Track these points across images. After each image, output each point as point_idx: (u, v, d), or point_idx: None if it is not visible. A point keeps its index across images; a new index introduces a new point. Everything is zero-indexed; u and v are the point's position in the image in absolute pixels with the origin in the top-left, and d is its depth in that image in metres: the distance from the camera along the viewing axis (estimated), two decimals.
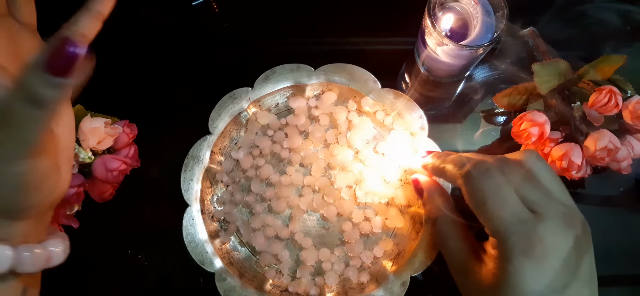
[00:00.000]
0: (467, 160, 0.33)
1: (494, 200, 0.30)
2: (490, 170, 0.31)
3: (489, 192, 0.30)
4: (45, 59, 0.21)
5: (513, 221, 0.29)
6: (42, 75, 0.21)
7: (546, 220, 0.29)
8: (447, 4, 0.43)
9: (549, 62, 0.41)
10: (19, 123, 0.22)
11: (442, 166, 0.36)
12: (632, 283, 0.43)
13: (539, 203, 0.29)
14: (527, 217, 0.29)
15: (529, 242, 0.28)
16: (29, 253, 0.29)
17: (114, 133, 0.38)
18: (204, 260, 0.40)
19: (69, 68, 0.21)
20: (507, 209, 0.29)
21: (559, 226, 0.29)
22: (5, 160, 0.24)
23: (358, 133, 0.44)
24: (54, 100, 0.22)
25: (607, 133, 0.38)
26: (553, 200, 0.30)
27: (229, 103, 0.44)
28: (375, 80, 0.44)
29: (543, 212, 0.29)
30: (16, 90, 0.22)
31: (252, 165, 0.44)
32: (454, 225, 0.36)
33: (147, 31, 0.50)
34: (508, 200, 0.30)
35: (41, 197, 0.28)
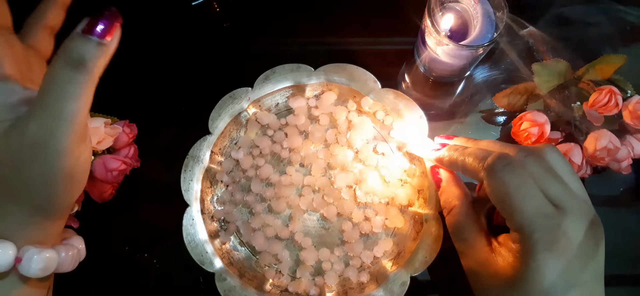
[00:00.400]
0: (488, 153, 0.32)
1: (517, 195, 0.29)
2: (513, 163, 0.30)
3: (512, 187, 0.29)
4: (85, 23, 0.23)
5: (537, 215, 0.29)
6: (83, 36, 0.23)
7: (570, 215, 0.28)
8: (447, 4, 0.43)
9: (549, 62, 0.41)
10: (62, 91, 0.24)
11: (461, 159, 0.35)
12: (632, 283, 0.43)
13: (561, 198, 0.29)
14: (551, 212, 0.29)
15: (554, 237, 0.28)
16: (68, 253, 0.29)
17: (114, 133, 0.38)
18: (204, 260, 0.40)
19: (106, 29, 0.24)
20: (531, 203, 0.29)
21: (581, 221, 0.29)
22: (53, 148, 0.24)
23: (358, 133, 0.44)
24: (92, 60, 0.24)
25: (607, 133, 0.38)
26: (575, 196, 0.30)
27: (229, 103, 0.44)
28: (375, 80, 0.44)
29: (566, 206, 0.29)
30: (59, 55, 0.23)
31: (252, 165, 0.44)
32: (470, 217, 0.35)
33: (147, 31, 0.50)
34: (532, 194, 0.29)
35: (80, 190, 0.28)
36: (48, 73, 0.24)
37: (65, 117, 0.24)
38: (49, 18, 0.35)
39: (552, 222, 0.28)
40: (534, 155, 0.31)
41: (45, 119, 0.24)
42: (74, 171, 0.26)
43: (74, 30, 0.24)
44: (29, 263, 0.26)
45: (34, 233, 0.27)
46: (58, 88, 0.24)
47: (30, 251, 0.27)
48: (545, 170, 0.30)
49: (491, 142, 0.35)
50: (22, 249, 0.27)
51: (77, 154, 0.26)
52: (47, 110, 0.24)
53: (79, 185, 0.28)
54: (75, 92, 0.24)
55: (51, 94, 0.24)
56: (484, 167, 0.32)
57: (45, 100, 0.24)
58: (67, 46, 0.24)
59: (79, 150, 0.26)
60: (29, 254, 0.26)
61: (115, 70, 0.48)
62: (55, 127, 0.24)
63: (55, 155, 0.25)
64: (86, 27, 0.24)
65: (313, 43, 0.50)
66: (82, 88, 0.24)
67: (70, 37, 0.24)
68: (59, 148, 0.25)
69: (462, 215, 0.35)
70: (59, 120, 0.24)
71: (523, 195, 0.29)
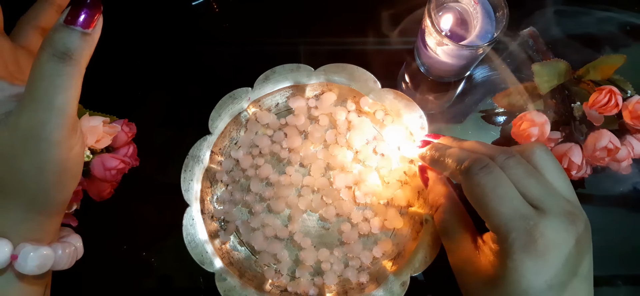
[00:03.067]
0: (466, 155, 0.33)
1: (493, 196, 0.29)
2: (489, 165, 0.31)
3: (488, 188, 0.30)
4: (67, 14, 0.24)
5: (514, 216, 0.29)
6: (66, 27, 0.24)
7: (548, 215, 0.28)
8: (447, 4, 0.43)
9: (549, 62, 0.41)
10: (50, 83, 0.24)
11: (441, 159, 0.35)
12: (632, 283, 0.43)
13: (541, 199, 0.29)
14: (529, 213, 0.29)
15: (530, 238, 0.28)
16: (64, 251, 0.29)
17: (113, 132, 0.38)
18: (204, 260, 0.40)
19: (88, 18, 0.24)
20: (507, 204, 0.29)
21: (561, 222, 0.29)
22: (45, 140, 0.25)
23: (358, 134, 0.44)
24: (77, 50, 0.24)
25: (607, 133, 0.38)
26: (556, 196, 0.30)
27: (229, 103, 0.44)
28: (375, 80, 0.44)
29: (545, 207, 0.29)
30: (44, 47, 0.24)
31: (252, 165, 0.44)
32: (456, 215, 0.35)
33: (147, 31, 0.50)
34: (508, 195, 0.29)
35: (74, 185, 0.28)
36: (35, 66, 0.24)
37: (55, 108, 0.24)
38: (41, 19, 0.36)
39: (529, 222, 0.28)
40: (516, 156, 0.31)
41: (35, 112, 0.24)
42: (66, 164, 0.26)
43: (56, 21, 0.24)
44: (25, 260, 0.26)
45: (30, 231, 0.27)
46: (46, 81, 0.24)
47: (26, 249, 0.27)
48: (527, 171, 0.31)
49: (475, 143, 0.35)
50: (18, 246, 0.27)
51: (69, 146, 0.26)
52: (36, 102, 0.24)
53: (72, 179, 0.28)
54: (63, 84, 0.24)
55: (39, 87, 0.24)
56: (460, 169, 0.32)
57: (34, 93, 0.24)
58: (51, 38, 0.24)
59: (70, 142, 0.26)
60: (25, 251, 0.26)
61: (115, 70, 0.48)
62: (46, 119, 0.24)
63: (47, 147, 0.25)
64: (68, 17, 0.24)
65: (313, 43, 0.50)
66: (69, 80, 0.24)
67: (54, 28, 0.24)
68: (50, 140, 0.25)
69: (448, 212, 0.36)
70: (49, 112, 0.24)
71: (499, 197, 0.29)
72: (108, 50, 0.48)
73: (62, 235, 0.32)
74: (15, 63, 0.32)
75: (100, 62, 0.48)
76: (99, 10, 0.24)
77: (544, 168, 0.31)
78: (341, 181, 0.43)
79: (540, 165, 0.31)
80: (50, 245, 0.29)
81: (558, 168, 0.32)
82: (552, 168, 0.32)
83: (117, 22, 0.50)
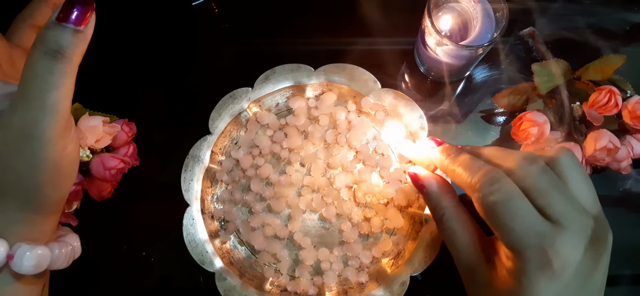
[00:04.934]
0: (477, 167, 0.30)
1: (504, 212, 0.28)
2: (500, 181, 0.29)
3: (498, 205, 0.28)
4: (59, 11, 0.23)
5: (528, 233, 0.27)
6: (58, 24, 0.23)
7: (566, 231, 0.27)
8: (447, 4, 0.43)
9: (548, 62, 0.41)
10: (43, 81, 0.24)
11: (451, 167, 0.33)
12: (632, 283, 0.43)
13: (561, 213, 0.27)
14: (544, 229, 0.27)
15: (546, 256, 0.26)
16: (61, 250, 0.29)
17: (112, 132, 0.38)
18: (204, 260, 0.40)
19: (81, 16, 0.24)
20: (522, 221, 0.27)
21: (580, 239, 0.27)
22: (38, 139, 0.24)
23: (358, 134, 0.44)
24: (70, 48, 0.24)
25: (606, 133, 0.38)
26: (579, 211, 0.28)
27: (229, 103, 0.44)
28: (375, 80, 0.44)
29: (564, 222, 0.27)
30: (36, 45, 0.23)
31: (252, 165, 0.44)
32: (461, 221, 0.33)
33: (147, 31, 0.50)
34: (521, 210, 0.27)
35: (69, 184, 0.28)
36: (27, 64, 0.24)
37: (47, 107, 0.24)
38: (37, 17, 0.35)
39: (545, 240, 0.26)
40: (539, 164, 0.29)
41: (27, 111, 0.24)
42: (60, 162, 0.26)
43: (49, 19, 0.24)
44: (21, 260, 0.26)
45: (26, 230, 0.27)
46: (38, 79, 0.23)
47: (22, 248, 0.26)
48: (550, 181, 0.28)
49: (494, 150, 0.32)
50: (14, 246, 0.27)
51: (62, 145, 0.26)
52: (29, 101, 0.24)
53: (67, 177, 0.27)
54: (56, 82, 0.24)
55: (32, 85, 0.24)
56: (470, 184, 0.30)
57: (26, 91, 0.24)
58: (43, 35, 0.23)
59: (64, 140, 0.26)
60: (21, 251, 0.26)
61: (115, 70, 0.48)
62: (39, 118, 0.24)
63: (40, 146, 0.25)
64: (61, 14, 0.23)
65: (313, 43, 0.50)
66: (62, 77, 0.24)
67: (46, 25, 0.24)
68: (44, 139, 0.24)
69: (451, 220, 0.34)
70: (42, 110, 0.24)
71: (511, 213, 0.27)
72: (108, 50, 0.49)
73: (59, 235, 0.32)
74: (9, 62, 0.32)
75: (100, 62, 0.48)
76: (91, 8, 0.24)
77: (568, 178, 0.29)
78: (341, 181, 0.43)
79: (565, 173, 0.29)
80: (47, 244, 0.29)
81: (584, 178, 0.30)
82: (577, 178, 0.29)
83: (117, 22, 0.50)
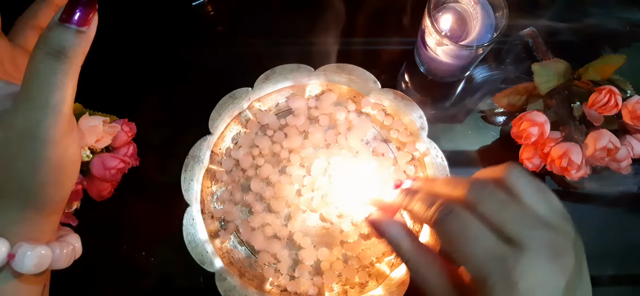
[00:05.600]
0: (433, 201, 0.29)
1: (462, 240, 0.27)
2: (454, 210, 0.28)
3: (456, 233, 0.27)
4: (62, 12, 0.23)
5: (489, 259, 0.26)
6: (61, 25, 0.23)
7: (528, 252, 0.25)
8: (447, 4, 0.43)
9: (548, 62, 0.41)
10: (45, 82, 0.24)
11: (410, 207, 0.32)
12: (632, 283, 0.43)
13: (518, 232, 0.26)
14: (505, 252, 0.25)
15: (510, 280, 0.25)
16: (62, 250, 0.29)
17: (112, 132, 0.38)
18: (204, 260, 0.40)
19: (84, 17, 0.24)
20: (480, 247, 0.26)
21: (542, 257, 0.25)
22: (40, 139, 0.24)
23: (358, 134, 0.44)
24: (72, 49, 0.24)
25: (606, 133, 0.38)
26: (537, 225, 0.26)
27: (229, 103, 0.44)
28: (375, 80, 0.44)
29: (524, 242, 0.25)
30: (38, 46, 0.23)
31: (252, 165, 0.44)
32: (427, 262, 0.31)
33: (147, 31, 0.50)
34: (478, 236, 0.26)
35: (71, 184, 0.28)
36: (29, 64, 0.24)
37: (50, 107, 0.24)
38: (40, 18, 0.35)
39: (507, 263, 0.25)
40: (488, 187, 0.28)
41: (30, 111, 0.24)
42: (63, 162, 0.26)
43: (51, 20, 0.24)
44: (22, 259, 0.26)
45: (27, 230, 0.27)
46: (41, 79, 0.24)
47: (23, 248, 0.26)
48: (502, 201, 0.27)
49: (444, 181, 0.32)
50: (16, 245, 0.27)
51: (64, 145, 0.26)
52: (31, 101, 0.24)
53: (69, 177, 0.27)
54: (58, 82, 0.24)
55: (34, 85, 0.24)
56: (428, 218, 0.29)
57: (29, 91, 0.24)
58: (46, 36, 0.24)
59: (66, 141, 0.26)
60: (22, 250, 0.26)
61: (115, 70, 0.48)
62: (41, 118, 0.24)
63: (42, 146, 0.25)
64: (63, 15, 0.24)
65: (313, 43, 0.50)
66: (64, 78, 0.24)
67: (49, 26, 0.24)
68: (46, 139, 0.24)
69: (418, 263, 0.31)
70: (44, 110, 0.24)
71: (469, 240, 0.26)
72: (108, 50, 0.48)
73: (60, 234, 0.32)
74: (12, 62, 0.32)
75: (100, 62, 0.48)
76: (94, 9, 0.24)
77: (521, 193, 0.28)
78: (341, 181, 0.43)
79: (516, 189, 0.28)
80: (48, 244, 0.29)
81: (537, 189, 0.28)
82: (530, 190, 0.28)
83: (117, 22, 0.50)
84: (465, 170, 0.46)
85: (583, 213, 0.45)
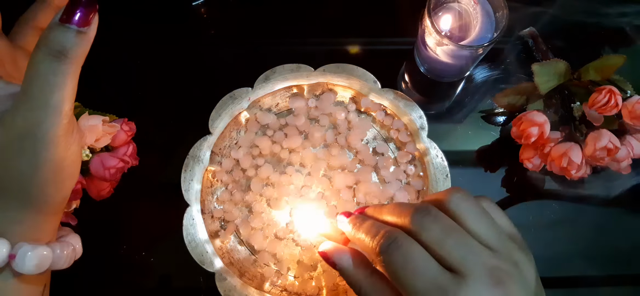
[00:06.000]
0: (377, 230, 0.29)
1: (405, 272, 0.26)
2: (397, 239, 0.27)
3: (398, 265, 0.26)
4: (62, 12, 0.24)
5: (430, 290, 0.25)
6: (61, 26, 0.24)
7: (468, 280, 0.25)
8: (447, 4, 0.43)
9: (548, 62, 0.41)
10: (46, 82, 0.24)
11: (357, 237, 0.31)
12: (632, 283, 0.43)
13: (459, 260, 0.25)
14: (446, 282, 0.25)
15: None
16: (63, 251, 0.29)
17: (112, 131, 0.38)
18: (204, 260, 0.40)
19: (84, 17, 0.24)
20: (421, 278, 0.25)
21: (483, 285, 0.25)
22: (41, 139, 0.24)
23: (357, 134, 0.44)
24: (73, 49, 0.24)
25: (606, 133, 0.38)
26: (478, 252, 0.26)
27: (229, 103, 0.44)
28: (375, 80, 0.44)
29: (466, 270, 0.25)
30: (39, 46, 0.24)
31: (252, 165, 0.44)
32: (379, 291, 0.30)
33: (147, 31, 0.50)
34: (420, 268, 0.26)
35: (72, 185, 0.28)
36: (30, 64, 0.24)
37: (50, 107, 0.24)
38: (40, 19, 0.35)
39: (448, 294, 0.25)
40: (431, 213, 0.28)
41: (31, 111, 0.24)
42: (63, 163, 0.26)
43: (52, 20, 0.24)
44: (23, 259, 0.26)
45: (28, 230, 0.27)
46: (41, 80, 0.24)
47: (24, 248, 0.26)
48: (444, 228, 0.27)
49: (391, 206, 0.31)
50: (16, 246, 0.27)
51: (65, 145, 0.26)
52: (32, 101, 0.24)
53: (70, 178, 0.27)
54: (59, 82, 0.24)
55: (35, 86, 0.24)
56: (373, 248, 0.29)
57: (29, 92, 0.24)
58: (46, 36, 0.24)
59: (67, 141, 0.26)
60: (23, 250, 0.26)
61: (115, 70, 0.48)
62: (42, 118, 0.24)
63: (43, 146, 0.25)
64: (64, 15, 0.24)
65: (313, 43, 0.50)
66: (65, 78, 0.24)
67: (49, 26, 0.24)
68: (46, 139, 0.25)
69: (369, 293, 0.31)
70: (44, 110, 0.24)
71: (411, 272, 0.26)
72: (108, 50, 0.49)
73: (61, 235, 0.32)
74: (13, 63, 0.32)
75: (100, 62, 0.48)
76: (94, 9, 0.24)
77: (463, 218, 0.27)
78: (341, 181, 0.43)
79: (457, 214, 0.27)
80: (49, 244, 0.29)
81: (478, 213, 0.27)
82: (471, 215, 0.27)
83: (117, 22, 0.50)
84: (465, 170, 0.46)
85: (583, 213, 0.45)
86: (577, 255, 0.44)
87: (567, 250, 0.44)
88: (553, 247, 0.44)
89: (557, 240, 0.44)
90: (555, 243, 0.44)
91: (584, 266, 0.43)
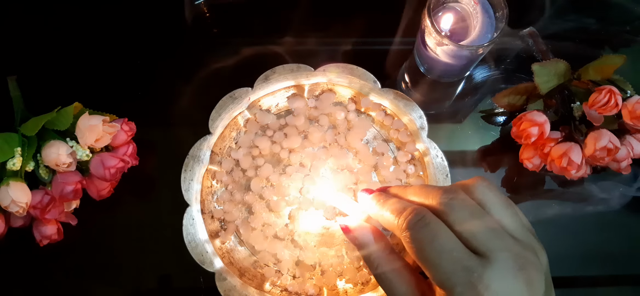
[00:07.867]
0: (403, 208, 0.30)
1: (431, 250, 0.27)
2: (425, 217, 0.28)
3: (425, 242, 0.27)
4: None
5: (455, 269, 0.26)
6: None
7: (494, 263, 0.26)
8: (447, 4, 0.43)
9: (548, 62, 0.41)
10: None
11: (381, 213, 0.32)
12: (632, 283, 0.43)
13: (486, 244, 0.26)
14: (472, 264, 0.26)
15: (476, 291, 0.25)
16: None
17: (112, 131, 0.38)
18: (204, 260, 0.40)
19: None
20: (448, 257, 0.26)
21: (508, 269, 0.26)
22: None
23: (357, 134, 0.44)
24: None
25: (606, 133, 0.38)
26: (503, 238, 0.27)
27: (229, 103, 0.44)
28: (375, 80, 0.44)
29: (491, 254, 0.26)
30: None
31: (252, 165, 0.44)
32: (396, 269, 0.31)
33: (147, 31, 0.50)
34: (447, 246, 0.27)
35: None
36: None
37: None
38: None
39: (473, 275, 0.25)
40: (460, 196, 0.29)
41: None
42: None
43: None
44: None
45: None
46: None
47: None
48: (472, 212, 0.28)
49: (417, 188, 0.32)
50: None
51: None
52: None
53: None
54: None
55: None
56: (399, 225, 0.29)
57: None
58: None
59: None
60: None
61: (115, 70, 0.48)
62: None
63: None
64: None
65: (313, 43, 0.50)
66: None
67: None
68: None
69: (386, 270, 0.32)
70: None
71: (438, 250, 0.27)
72: (108, 50, 0.49)
73: None
74: None
75: (100, 62, 0.48)
76: None
77: (488, 206, 0.29)
78: (341, 181, 0.43)
79: (484, 202, 0.29)
80: None
81: (503, 203, 0.29)
82: (496, 204, 0.29)
83: (118, 22, 0.50)
84: (466, 170, 0.46)
85: (583, 213, 0.45)
86: (577, 255, 0.44)
87: (567, 249, 0.44)
88: (553, 247, 0.43)
89: (557, 240, 0.44)
90: (555, 243, 0.44)
91: (584, 266, 0.43)
